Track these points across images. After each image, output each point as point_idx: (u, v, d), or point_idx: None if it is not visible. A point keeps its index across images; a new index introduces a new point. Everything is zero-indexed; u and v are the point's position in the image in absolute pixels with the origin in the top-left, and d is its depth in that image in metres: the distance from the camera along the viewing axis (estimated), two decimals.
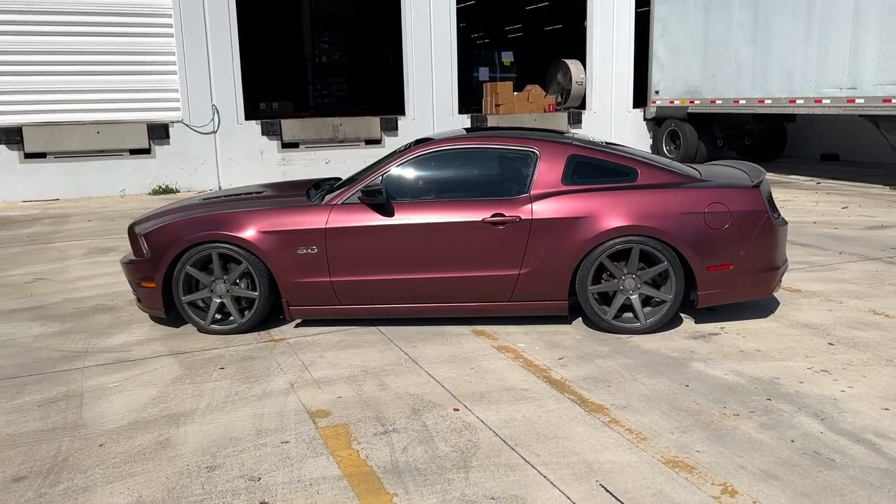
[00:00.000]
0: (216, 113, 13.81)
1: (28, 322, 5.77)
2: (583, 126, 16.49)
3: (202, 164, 13.88)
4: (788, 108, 13.44)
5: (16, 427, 3.87)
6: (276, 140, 14.37)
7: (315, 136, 14.60)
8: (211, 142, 13.90)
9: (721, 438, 3.54)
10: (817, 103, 12.81)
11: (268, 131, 14.26)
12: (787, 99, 13.40)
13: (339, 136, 14.74)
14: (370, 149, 15.03)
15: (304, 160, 14.60)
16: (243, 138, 14.12)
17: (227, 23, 13.67)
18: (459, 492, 3.12)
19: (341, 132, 14.74)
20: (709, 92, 15.23)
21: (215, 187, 14.02)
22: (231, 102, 13.93)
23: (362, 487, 3.18)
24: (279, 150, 14.42)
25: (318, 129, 14.61)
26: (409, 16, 14.95)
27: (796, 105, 13.22)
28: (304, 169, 14.57)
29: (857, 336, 4.93)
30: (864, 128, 15.38)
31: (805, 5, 12.87)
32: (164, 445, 3.62)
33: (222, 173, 14.05)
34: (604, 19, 16.56)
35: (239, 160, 14.13)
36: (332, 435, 3.68)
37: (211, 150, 13.93)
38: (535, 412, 3.87)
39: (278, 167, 14.42)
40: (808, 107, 13.01)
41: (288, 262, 5.13)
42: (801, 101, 13.12)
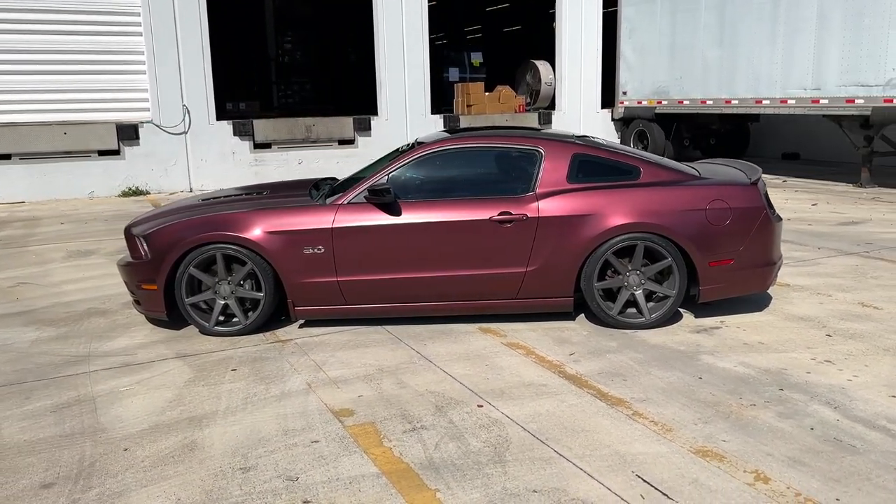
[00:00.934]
0: (187, 113, 13.60)
1: (20, 327, 5.62)
2: (552, 126, 16.65)
3: (173, 165, 13.66)
4: (755, 109, 13.80)
5: (32, 433, 3.79)
6: (249, 140, 14.21)
7: (288, 137, 14.48)
8: (182, 142, 13.69)
9: (743, 428, 3.64)
10: (783, 104, 13.18)
11: (240, 132, 14.09)
12: (753, 99, 13.75)
13: (311, 137, 14.64)
14: (343, 149, 14.99)
15: (276, 161, 14.47)
16: (215, 139, 13.93)
17: (198, 21, 13.48)
18: (500, 486, 3.16)
19: (314, 132, 14.64)
20: (676, 93, 15.54)
21: (186, 189, 13.81)
22: (202, 102, 13.73)
23: (403, 484, 3.19)
24: (251, 150, 14.27)
25: (290, 130, 14.50)
26: (381, 15, 14.93)
27: (763, 105, 13.57)
28: (276, 170, 14.44)
29: (852, 327, 5.11)
30: (823, 128, 15.88)
31: (770, 9, 13.23)
32: (191, 448, 3.58)
33: (194, 174, 13.84)
34: (572, 21, 16.77)
35: (211, 161, 13.94)
36: (362, 433, 3.68)
37: (182, 150, 13.71)
38: (557, 407, 3.93)
39: (250, 168, 14.27)
40: (774, 107, 13.37)
41: (294, 262, 5.10)
42: (767, 102, 13.48)
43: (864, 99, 11.77)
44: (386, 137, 15.20)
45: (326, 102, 26.49)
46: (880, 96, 11.54)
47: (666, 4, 15.61)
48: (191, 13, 13.39)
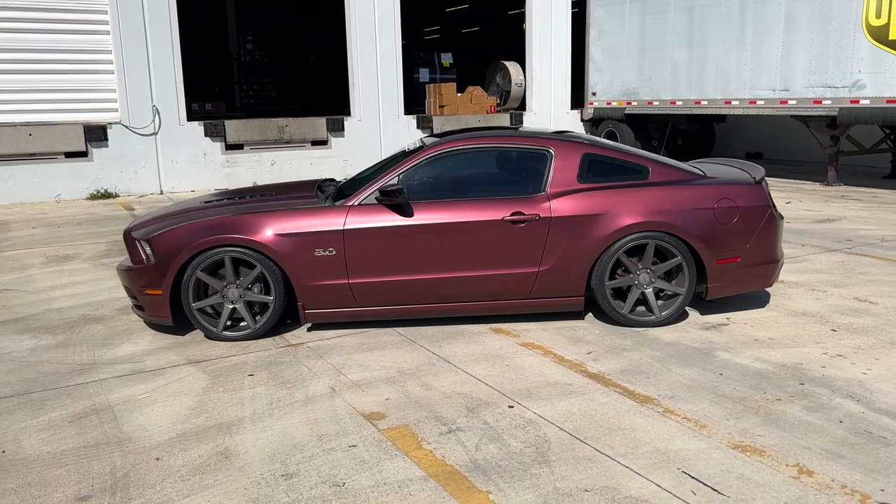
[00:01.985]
0: (157, 114, 13.30)
1: (14, 335, 5.43)
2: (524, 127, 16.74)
3: (143, 166, 13.35)
4: (724, 109, 14.08)
5: (54, 445, 3.66)
6: (220, 141, 13.97)
7: (260, 138, 14.28)
8: (152, 144, 13.38)
9: (775, 422, 3.71)
10: (752, 104, 13.48)
11: (211, 132, 13.85)
12: (722, 100, 14.03)
13: (284, 138, 14.46)
14: (316, 150, 14.84)
15: (249, 162, 14.25)
16: (186, 140, 13.66)
17: (168, 19, 13.21)
18: (551, 485, 3.16)
19: (287, 133, 14.46)
20: (646, 94, 15.76)
21: (157, 191, 13.51)
22: (172, 102, 13.45)
23: (453, 486, 3.17)
24: (223, 151, 14.03)
25: (263, 130, 14.29)
26: (354, 15, 14.82)
27: (732, 106, 13.86)
28: (249, 171, 14.22)
29: (854, 322, 5.25)
30: (784, 128, 16.32)
31: (738, 12, 13.52)
32: (225, 455, 3.50)
33: (164, 176, 13.55)
34: (542, 22, 16.89)
35: (181, 162, 13.66)
36: (398, 436, 3.65)
37: (152, 152, 13.41)
38: (588, 406, 3.95)
39: (222, 169, 14.03)
40: (744, 108, 13.66)
41: (305, 264, 5.03)
42: (736, 103, 13.77)
43: (831, 100, 12.10)
44: (359, 138, 15.11)
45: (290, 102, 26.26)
46: (847, 97, 11.88)
47: (635, 7, 15.83)
48: (160, 11, 13.11)
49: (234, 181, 14.08)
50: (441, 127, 15.88)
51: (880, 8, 11.31)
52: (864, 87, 11.65)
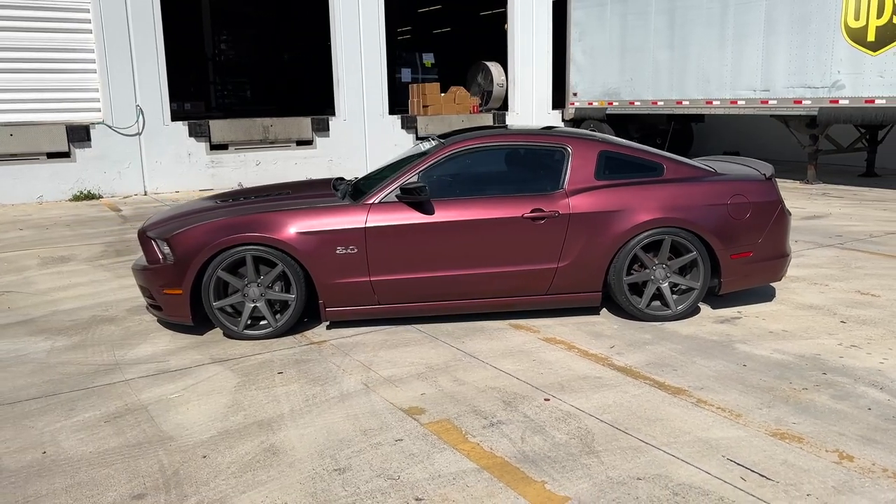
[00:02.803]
0: (141, 114, 13.14)
1: (27, 337, 5.35)
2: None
3: (127, 167, 13.17)
4: (706, 109, 14.33)
5: (94, 445, 3.63)
6: (205, 142, 13.84)
7: (245, 138, 14.18)
8: (135, 144, 13.21)
9: (806, 411, 3.82)
10: (733, 104, 13.74)
11: (196, 132, 13.71)
12: (704, 100, 14.28)
13: (269, 138, 14.37)
14: (301, 150, 14.78)
15: (234, 162, 14.14)
16: (170, 140, 13.51)
17: (151, 18, 13.06)
18: (603, 475, 3.23)
19: (272, 133, 14.38)
20: (627, 94, 15.97)
21: (141, 192, 13.34)
22: (156, 102, 13.29)
23: (507, 477, 3.22)
24: (208, 151, 13.90)
25: (247, 130, 14.20)
26: (338, 14, 14.79)
27: (713, 106, 14.11)
28: (234, 171, 14.11)
29: (861, 314, 5.41)
30: (761, 128, 16.64)
31: (719, 14, 13.77)
32: (273, 452, 3.51)
33: (148, 177, 13.38)
34: (524, 23, 17.01)
35: (166, 163, 13.51)
36: (442, 430, 3.68)
37: (136, 152, 13.23)
38: (622, 398, 4.03)
39: (207, 169, 13.90)
40: (725, 107, 13.92)
41: (326, 262, 5.04)
42: (717, 103, 14.02)
43: (811, 100, 12.40)
44: (344, 138, 15.08)
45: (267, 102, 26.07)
46: (826, 97, 12.18)
47: (616, 8, 16.03)
48: (143, 9, 12.95)
49: (219, 182, 13.97)
50: (425, 127, 15.92)
51: (858, 10, 11.61)
52: (844, 87, 11.95)
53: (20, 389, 4.35)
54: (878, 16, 11.39)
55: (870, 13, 11.48)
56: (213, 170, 13.95)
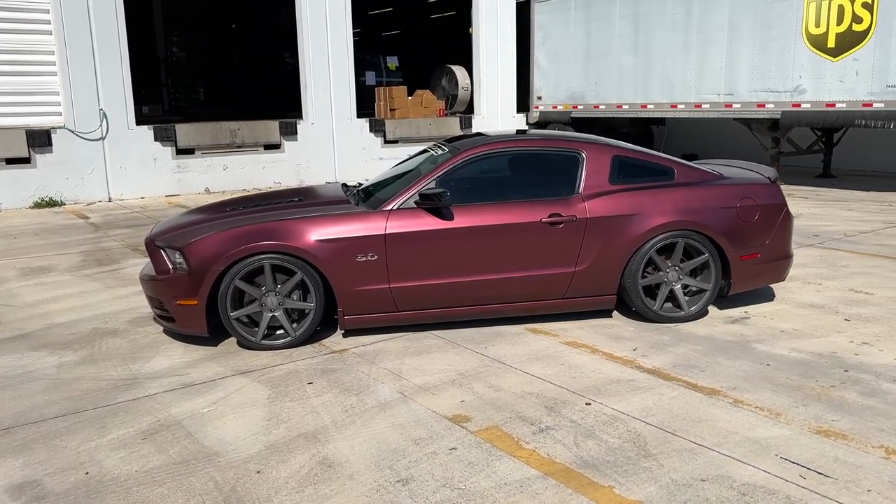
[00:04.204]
0: (104, 118, 12.75)
1: (30, 352, 5.14)
2: (473, 130, 16.92)
3: (90, 173, 12.76)
4: (671, 113, 14.64)
5: (138, 463, 3.51)
6: (171, 146, 13.51)
7: (212, 142, 13.90)
8: (99, 149, 12.81)
9: (840, 408, 3.94)
10: (697, 108, 14.07)
11: (161, 137, 13.38)
12: (668, 104, 14.58)
13: (237, 142, 14.12)
14: (269, 154, 14.57)
15: (200, 167, 13.84)
16: (135, 145, 13.15)
17: (114, 18, 12.68)
18: (667, 478, 3.27)
19: (239, 137, 14.13)
20: (592, 98, 16.20)
21: (105, 198, 12.95)
22: (120, 106, 12.92)
23: (574, 483, 3.24)
24: (174, 156, 13.57)
25: (214, 134, 13.92)
26: (305, 15, 14.61)
27: (678, 109, 14.43)
28: (201, 176, 13.82)
29: (862, 312, 5.60)
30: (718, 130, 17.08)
31: (683, 19, 14.09)
32: (328, 465, 3.45)
33: (113, 183, 12.99)
34: (488, 26, 17.10)
35: (131, 168, 13.14)
36: (493, 437, 3.68)
37: (99, 157, 12.83)
38: (660, 400, 4.09)
39: (173, 175, 13.57)
40: (689, 111, 14.25)
41: (346, 270, 4.98)
42: (682, 106, 14.34)
43: (774, 103, 12.79)
44: (312, 141, 14.92)
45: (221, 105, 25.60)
46: (789, 101, 12.58)
47: (580, 13, 16.25)
48: (105, 9, 12.57)
49: (186, 187, 13.66)
50: (393, 130, 15.86)
51: (819, 17, 12.03)
52: (805, 91, 12.37)
53: (41, 407, 4.18)
54: (838, 23, 11.82)
55: (830, 20, 11.91)
56: (179, 175, 13.63)
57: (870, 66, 11.51)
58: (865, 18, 11.51)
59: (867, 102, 11.58)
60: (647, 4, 14.69)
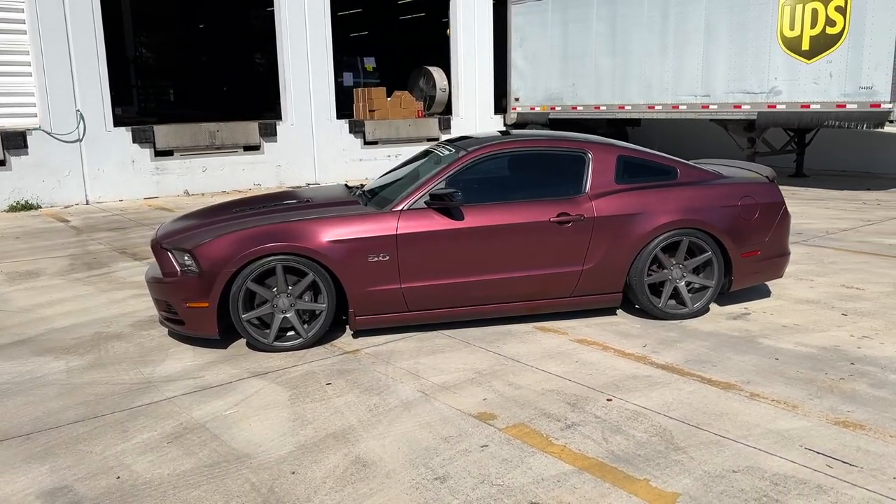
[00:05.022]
0: (81, 119, 12.53)
1: (35, 357, 5.05)
2: (452, 131, 16.98)
3: (66, 175, 12.53)
4: (648, 114, 14.85)
5: (169, 467, 3.48)
6: (149, 148, 13.33)
7: (191, 143, 13.74)
8: (76, 151, 12.59)
9: (852, 399, 4.05)
10: (674, 109, 14.30)
11: (140, 138, 13.19)
12: (646, 105, 14.79)
13: (216, 143, 13.98)
14: (249, 155, 14.45)
15: (179, 169, 13.67)
16: (113, 146, 12.94)
17: (91, 18, 12.48)
18: (699, 470, 3.34)
19: (219, 138, 13.99)
20: (570, 99, 16.36)
21: (82, 201, 12.72)
22: (97, 107, 12.71)
23: (610, 477, 3.29)
24: (152, 158, 13.39)
25: (193, 136, 13.76)
26: (284, 17, 14.52)
27: (655, 111, 14.64)
28: (179, 178, 13.65)
29: (857, 307, 5.76)
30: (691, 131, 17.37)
31: (660, 22, 14.30)
32: (362, 464, 3.46)
33: (90, 185, 12.77)
34: (466, 28, 17.17)
35: (108, 170, 12.93)
36: (522, 434, 3.72)
37: (76, 160, 12.61)
38: (679, 395, 4.17)
39: (152, 177, 13.39)
40: (667, 112, 14.47)
41: (358, 271, 4.99)
42: (659, 108, 14.56)
43: (750, 104, 13.05)
44: (292, 143, 14.83)
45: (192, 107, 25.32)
46: (765, 102, 12.85)
47: (556, 15, 16.40)
48: (82, 8, 12.36)
49: (165, 189, 13.49)
50: (373, 131, 15.84)
51: (794, 20, 12.32)
52: (781, 93, 12.64)
53: (57, 413, 4.11)
54: (812, 26, 12.11)
55: (804, 24, 12.20)
56: (158, 177, 13.45)
57: (843, 69, 11.81)
58: (839, 22, 11.81)
59: (841, 103, 11.88)
60: (624, 6, 14.89)
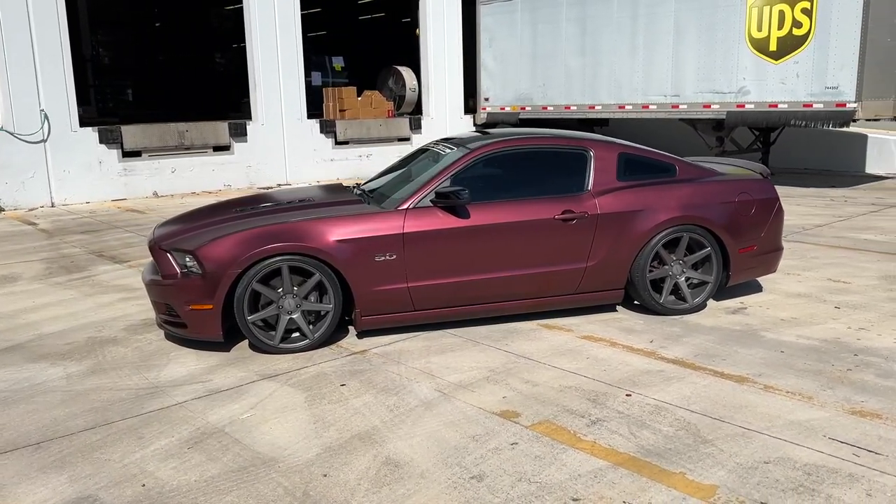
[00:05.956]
0: (46, 119, 12.16)
1: (29, 363, 4.87)
2: (422, 131, 16.94)
3: (31, 177, 12.15)
4: (619, 114, 15.01)
5: (195, 472, 3.39)
6: (117, 148, 13.00)
7: (159, 144, 13.44)
8: (40, 152, 12.21)
9: (863, 390, 4.15)
10: (645, 109, 14.48)
11: (106, 139, 12.85)
12: (616, 105, 14.95)
13: (185, 143, 13.70)
14: (219, 156, 14.20)
15: (148, 170, 13.37)
16: (79, 147, 12.58)
17: (55, 14, 12.13)
18: (731, 462, 3.37)
19: (188, 139, 13.72)
20: (540, 99, 16.45)
21: (48, 203, 12.35)
22: (63, 107, 12.35)
23: (646, 471, 3.30)
24: (120, 159, 13.07)
25: (162, 136, 13.47)
26: (254, 15, 14.31)
27: (626, 110, 14.81)
28: (148, 180, 13.35)
29: (848, 300, 5.90)
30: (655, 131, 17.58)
31: (629, 23, 14.48)
32: (394, 465, 3.41)
33: (56, 187, 12.40)
34: (436, 28, 17.14)
35: (75, 172, 12.57)
36: (549, 431, 3.71)
37: (41, 161, 12.23)
38: (695, 389, 4.21)
39: (119, 178, 13.06)
40: (637, 112, 14.64)
41: (365, 270, 4.93)
42: (630, 107, 14.73)
43: (719, 104, 13.29)
44: (263, 143, 14.62)
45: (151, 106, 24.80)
46: (734, 102, 13.10)
47: (526, 16, 16.47)
48: (46, 4, 11.99)
49: (133, 191, 13.18)
50: (344, 131, 15.72)
51: (761, 22, 12.58)
52: (749, 92, 12.90)
53: (64, 421, 3.97)
54: (779, 27, 12.38)
55: (771, 25, 12.46)
56: (125, 178, 13.13)
57: (809, 69, 12.11)
58: (805, 24, 12.11)
59: (808, 103, 12.18)
60: (593, 7, 15.03)
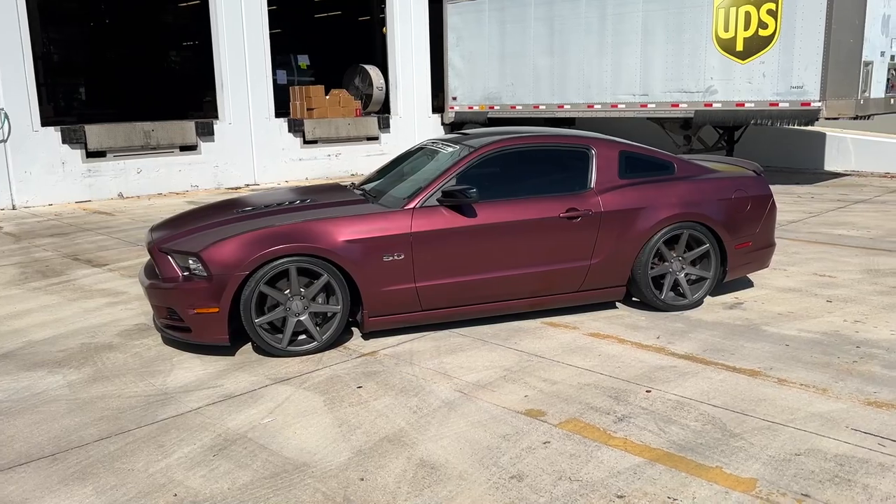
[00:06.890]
0: (6, 119, 11.74)
1: (25, 372, 4.69)
2: (391, 130, 16.85)
3: None
4: (588, 113, 15.15)
5: (227, 481, 3.29)
6: (80, 149, 12.62)
7: (125, 144, 13.08)
8: (0, 153, 11.77)
9: (872, 381, 4.25)
10: (614, 108, 14.65)
11: (70, 139, 12.46)
12: (585, 104, 15.09)
13: (151, 143, 13.37)
14: (186, 156, 13.90)
15: (113, 170, 13.00)
16: (41, 147, 12.18)
17: (15, 10, 11.72)
18: (764, 454, 3.42)
19: (154, 138, 13.39)
20: (508, 98, 16.51)
21: (9, 206, 11.92)
22: (23, 105, 11.94)
23: (683, 466, 3.33)
24: (84, 159, 12.68)
25: (127, 136, 13.11)
26: (220, 14, 14.03)
27: (595, 110, 14.96)
28: (113, 180, 12.99)
29: (838, 294, 6.06)
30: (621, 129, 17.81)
31: (597, 23, 14.63)
32: (431, 467, 3.37)
33: (17, 189, 11.98)
34: (404, 26, 17.06)
35: (37, 173, 12.16)
36: (578, 429, 3.72)
37: (1, 162, 11.80)
38: (712, 384, 4.26)
39: (84, 179, 12.68)
40: (606, 111, 14.80)
41: (373, 271, 4.87)
42: (598, 107, 14.88)
43: (687, 103, 13.52)
44: (230, 142, 14.36)
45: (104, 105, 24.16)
46: (701, 101, 13.34)
47: (493, 15, 16.51)
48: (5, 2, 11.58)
49: (98, 192, 12.81)
50: (312, 130, 15.54)
51: (728, 23, 12.84)
52: (716, 92, 13.15)
53: (75, 430, 3.83)
54: (746, 28, 12.65)
55: (738, 26, 12.72)
56: (90, 179, 12.75)
57: (775, 69, 12.40)
58: (770, 24, 12.39)
59: (774, 102, 12.47)
60: (561, 7, 15.14)
